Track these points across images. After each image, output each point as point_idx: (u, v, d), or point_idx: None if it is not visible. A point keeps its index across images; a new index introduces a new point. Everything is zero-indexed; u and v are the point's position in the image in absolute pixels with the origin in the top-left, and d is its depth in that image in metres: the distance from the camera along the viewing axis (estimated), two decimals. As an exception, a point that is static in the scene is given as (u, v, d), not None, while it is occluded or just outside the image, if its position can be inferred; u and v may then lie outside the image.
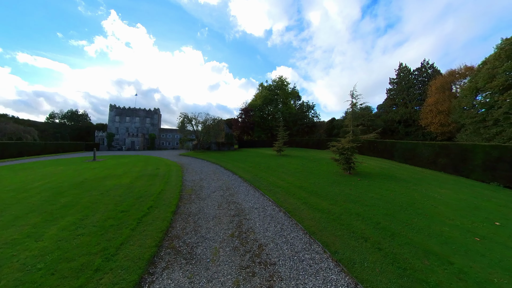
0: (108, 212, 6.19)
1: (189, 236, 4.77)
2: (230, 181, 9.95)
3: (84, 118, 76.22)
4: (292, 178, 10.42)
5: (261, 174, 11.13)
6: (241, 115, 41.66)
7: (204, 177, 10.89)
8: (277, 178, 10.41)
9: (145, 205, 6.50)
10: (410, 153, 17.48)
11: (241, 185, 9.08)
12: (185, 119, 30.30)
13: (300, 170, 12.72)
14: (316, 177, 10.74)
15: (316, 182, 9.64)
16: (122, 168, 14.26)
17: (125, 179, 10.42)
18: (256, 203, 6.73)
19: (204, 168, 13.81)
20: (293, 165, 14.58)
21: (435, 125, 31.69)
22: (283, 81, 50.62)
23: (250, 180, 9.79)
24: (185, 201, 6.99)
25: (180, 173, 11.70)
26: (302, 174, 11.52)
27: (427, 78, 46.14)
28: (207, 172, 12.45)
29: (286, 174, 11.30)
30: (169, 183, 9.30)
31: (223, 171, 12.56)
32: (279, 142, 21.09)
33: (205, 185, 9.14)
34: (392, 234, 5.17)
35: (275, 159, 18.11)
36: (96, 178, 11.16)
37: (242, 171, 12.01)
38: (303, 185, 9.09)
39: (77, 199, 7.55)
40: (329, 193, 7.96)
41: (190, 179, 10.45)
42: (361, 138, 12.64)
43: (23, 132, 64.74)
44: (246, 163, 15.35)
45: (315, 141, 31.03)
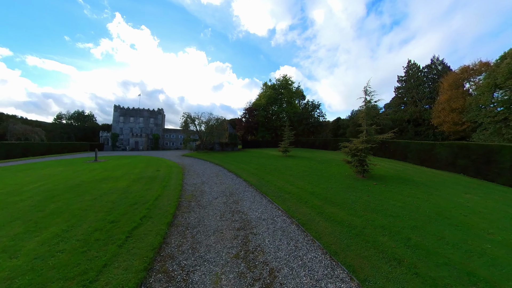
0: (96, 222, 5.48)
1: (185, 256, 3.98)
2: (234, 185, 9.16)
3: (90, 118, 77.14)
4: (302, 182, 9.55)
5: (268, 178, 10.29)
6: (245, 115, 40.89)
7: (206, 180, 10.13)
8: (285, 182, 9.55)
9: (138, 214, 5.76)
10: (426, 154, 16.35)
11: (246, 190, 8.27)
12: (188, 119, 29.70)
13: (309, 172, 11.84)
14: (328, 181, 9.85)
15: (329, 187, 8.75)
16: (121, 170, 13.67)
17: (122, 182, 9.76)
18: (264, 213, 5.90)
19: (206, 170, 13.06)
20: (301, 167, 13.69)
21: (448, 124, 30.20)
22: (287, 80, 49.61)
23: (256, 185, 8.97)
24: (183, 209, 6.22)
25: (181, 176, 10.98)
26: (312, 177, 10.63)
27: (437, 75, 44.41)
28: (209, 174, 11.69)
29: (294, 178, 10.44)
30: (167, 187, 8.57)
31: (226, 174, 11.78)
32: (284, 142, 20.21)
33: (206, 189, 8.37)
34: (427, 252, 4.32)
35: (281, 160, 17.23)
36: (93, 180, 10.57)
37: (246, 174, 11.20)
38: (315, 190, 8.21)
39: (67, 205, 6.91)
40: (345, 201, 7.08)
41: (191, 182, 9.70)
42: (376, 138, 11.66)
43: (31, 132, 65.68)
44: (250, 165, 14.53)
45: (321, 141, 29.98)
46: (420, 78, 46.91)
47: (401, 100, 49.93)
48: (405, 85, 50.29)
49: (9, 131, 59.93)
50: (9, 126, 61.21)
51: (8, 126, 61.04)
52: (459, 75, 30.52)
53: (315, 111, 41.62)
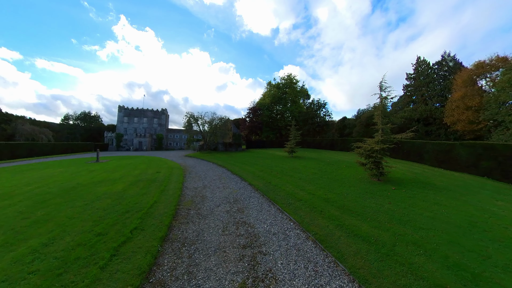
0: (82, 234, 4.78)
1: (179, 283, 3.21)
2: (239, 189, 8.36)
3: (96, 119, 78.14)
4: (313, 186, 8.69)
5: (275, 181, 9.46)
6: (249, 114, 40.10)
7: (208, 184, 9.37)
8: (295, 186, 8.71)
9: (129, 225, 5.03)
10: (445, 155, 15.21)
11: (252, 196, 7.46)
12: (191, 118, 29.10)
13: (319, 175, 10.95)
14: (341, 186, 8.95)
15: (344, 193, 7.86)
16: (121, 171, 13.09)
17: (119, 186, 9.11)
18: (274, 225, 5.08)
19: (209, 172, 12.32)
20: (310, 169, 12.80)
21: (462, 123, 28.68)
22: (292, 79, 48.55)
23: (263, 190, 8.15)
24: (181, 219, 5.46)
25: (181, 178, 10.26)
26: (323, 181, 9.75)
27: (448, 72, 42.61)
28: (212, 177, 10.94)
29: (304, 181, 9.57)
30: (166, 192, 7.85)
31: (230, 176, 11.01)
32: (291, 142, 19.32)
33: (208, 195, 7.61)
34: (472, 276, 3.54)
35: (288, 161, 16.36)
36: (89, 183, 9.99)
37: (252, 177, 10.40)
38: (329, 196, 7.35)
39: (55, 212, 6.28)
40: (365, 209, 6.19)
41: (192, 186, 8.96)
42: (393, 138, 10.70)
43: (39, 133, 66.89)
44: (256, 167, 13.72)
45: (328, 141, 28.91)
46: (430, 75, 45.11)
47: (410, 98, 48.27)
48: (414, 83, 48.50)
49: (18, 132, 61.31)
50: (17, 126, 62.61)
51: (17, 127, 62.42)
52: (474, 71, 28.94)
53: (321, 111, 40.47)
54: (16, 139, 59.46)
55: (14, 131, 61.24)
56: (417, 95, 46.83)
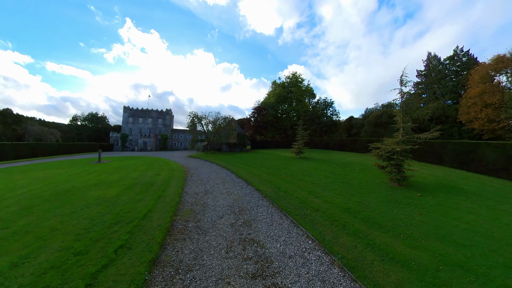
0: (59, 251, 4.01)
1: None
2: (245, 196, 7.48)
3: (103, 120, 79.40)
4: (329, 192, 7.72)
5: (285, 186, 8.53)
6: (254, 114, 39.18)
7: (211, 188, 8.52)
8: (308, 192, 7.76)
9: (115, 241, 4.22)
10: (468, 156, 13.93)
11: (260, 205, 6.56)
12: (195, 118, 28.43)
13: (333, 179, 9.95)
14: (360, 192, 7.95)
15: (366, 201, 6.87)
16: (120, 173, 12.44)
17: (114, 190, 8.38)
18: (289, 244, 4.17)
19: (212, 175, 11.49)
20: (321, 172, 11.81)
21: (480, 121, 26.98)
22: (297, 78, 47.33)
23: (272, 196, 7.24)
24: (176, 234, 4.61)
25: (182, 182, 9.46)
26: (339, 186, 8.76)
27: (461, 68, 40.57)
28: (215, 180, 10.09)
29: (317, 186, 8.61)
30: (163, 199, 7.04)
31: (234, 180, 10.14)
32: (298, 142, 18.32)
33: (210, 202, 6.75)
34: None
35: (296, 163, 15.38)
36: (84, 186, 9.34)
37: (259, 181, 9.50)
38: (349, 205, 6.38)
39: (38, 221, 5.57)
40: (395, 222, 5.21)
41: (192, 191, 8.13)
42: (417, 137, 9.63)
43: (47, 133, 68.27)
44: (262, 169, 12.81)
45: (337, 141, 27.69)
46: (442, 71, 43.04)
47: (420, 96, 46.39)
48: (425, 80, 46.45)
49: (28, 132, 62.78)
50: (27, 127, 64.11)
51: (27, 128, 63.91)
52: (493, 66, 27.17)
53: (328, 110, 39.15)
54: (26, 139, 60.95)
55: (24, 132, 62.84)
56: (429, 93, 44.89)
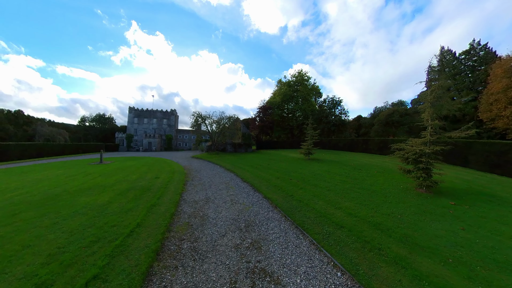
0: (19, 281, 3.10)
1: None
2: (252, 206, 6.43)
3: (110, 120, 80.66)
4: (350, 202, 6.57)
5: (298, 193, 7.42)
6: (259, 113, 38.09)
7: (212, 195, 7.51)
8: (326, 201, 6.63)
9: (90, 268, 3.25)
10: (500, 157, 12.43)
11: (271, 218, 5.49)
12: (198, 118, 27.62)
13: (351, 185, 8.77)
14: (386, 201, 6.77)
15: (395, 213, 5.70)
16: (118, 175, 11.66)
17: (106, 195, 7.52)
18: (312, 279, 3.07)
19: (215, 179, 10.49)
20: (336, 175, 10.63)
21: (504, 120, 24.94)
22: (303, 76, 45.88)
23: (284, 207, 6.16)
24: (167, 259, 3.61)
25: (181, 187, 8.51)
26: (359, 193, 7.59)
27: (478, 62, 38.17)
28: (218, 185, 9.08)
29: (335, 194, 7.46)
30: (157, 208, 6.08)
31: (240, 185, 9.10)
32: (307, 143, 17.14)
33: (211, 214, 5.74)
34: None
35: (307, 165, 14.22)
36: (77, 190, 8.58)
37: (267, 186, 8.42)
38: (377, 219, 5.24)
39: (14, 233, 4.84)
40: (436, 241, 4.07)
41: (192, 198, 7.14)
42: (448, 137, 8.36)
43: (56, 134, 69.68)
44: (270, 172, 11.73)
45: (347, 142, 26.25)
46: (457, 66, 40.59)
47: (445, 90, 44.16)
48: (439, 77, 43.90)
49: (38, 133, 64.22)
50: (37, 128, 65.57)
51: (37, 128, 65.37)
52: (519, 60, 25.09)
53: (336, 109, 37.61)
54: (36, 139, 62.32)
55: (34, 132, 64.31)
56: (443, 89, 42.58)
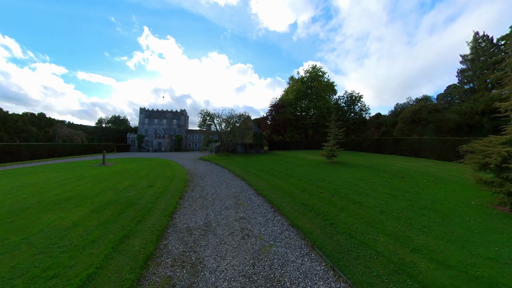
0: None
1: None
2: (274, 242, 4.07)
3: (124, 122, 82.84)
4: (424, 236, 4.08)
5: (342, 220, 4.97)
6: (271, 112, 35.68)
7: (215, 219, 5.24)
8: (389, 236, 4.19)
9: None
10: None
11: (310, 274, 3.17)
12: (206, 116, 25.82)
13: (407, 203, 6.23)
14: (470, 230, 4.26)
15: (502, 255, 3.17)
16: (110, 181, 9.97)
17: (78, 212, 5.71)
18: None
19: (221, 189, 8.30)
20: (377, 186, 8.08)
21: None
22: (317, 71, 42.53)
23: (329, 249, 3.76)
24: None
25: (175, 202, 6.42)
26: (426, 217, 5.06)
27: (525, 47, 32.92)
28: (224, 200, 6.84)
29: (394, 219, 4.99)
30: (131, 241, 4.01)
31: (253, 201, 6.74)
32: (330, 143, 14.58)
33: (209, 261, 3.48)
34: None
35: (333, 171, 11.68)
36: (51, 201, 7.07)
37: (292, 205, 6.04)
38: (483, 271, 2.80)
39: None
40: None
41: (184, 224, 4.94)
42: None
43: (74, 135, 72.31)
44: (291, 181, 9.36)
45: (372, 142, 23.11)
46: (496, 54, 35.40)
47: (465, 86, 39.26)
48: (472, 66, 38.78)
49: (57, 134, 66.90)
50: (57, 129, 68.32)
51: (56, 130, 68.11)
52: None
53: (355, 105, 34.22)
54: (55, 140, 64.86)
55: (54, 133, 67.06)
56: (479, 81, 37.49)
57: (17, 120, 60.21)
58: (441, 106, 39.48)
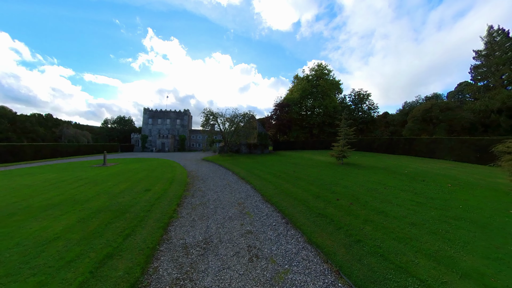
0: None
1: None
2: (290, 267, 3.30)
3: (130, 122, 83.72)
4: (470, 256, 3.22)
5: (367, 234, 4.10)
6: (276, 111, 34.80)
7: (217, 233, 4.44)
8: (430, 257, 3.35)
9: None
10: None
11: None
12: (209, 115, 25.17)
13: (437, 211, 5.34)
14: None
15: None
16: (106, 184, 9.36)
17: (64, 221, 5.07)
18: None
19: (224, 194, 7.54)
20: (398, 191, 7.20)
21: None
22: (323, 69, 41.39)
23: (360, 277, 2.99)
24: None
25: (172, 210, 5.70)
26: (464, 229, 4.19)
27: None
28: (228, 209, 6.04)
29: (429, 233, 4.13)
30: (114, 263, 3.29)
31: (261, 209, 5.88)
32: (340, 143, 13.67)
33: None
34: None
35: (346, 173, 10.80)
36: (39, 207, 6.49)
37: (306, 215, 5.19)
38: None
39: None
40: None
41: (181, 239, 4.17)
42: None
43: (80, 135, 73.19)
44: (301, 184, 8.54)
45: (383, 142, 22.00)
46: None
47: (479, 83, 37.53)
48: (486, 62, 36.93)
49: (63, 134, 67.83)
50: (63, 130, 69.27)
51: (63, 130, 69.05)
52: None
53: (363, 104, 33.00)
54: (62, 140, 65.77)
55: (60, 134, 68.02)
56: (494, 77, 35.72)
57: (25, 120, 61.12)
58: (453, 105, 37.81)
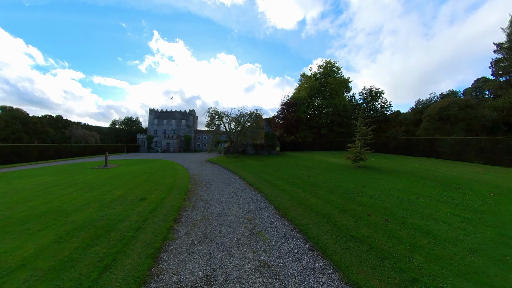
0: None
1: None
2: None
3: (137, 123, 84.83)
4: None
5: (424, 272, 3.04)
6: (283, 110, 33.54)
7: (222, 267, 3.29)
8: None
9: None
10: None
11: None
12: (214, 115, 24.27)
13: (493, 232, 4.10)
14: None
15: None
16: (101, 189, 8.51)
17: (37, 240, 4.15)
18: None
19: (230, 208, 6.45)
20: (437, 202, 5.95)
21: None
22: (331, 66, 39.58)
23: None
24: None
25: (167, 228, 4.67)
26: None
27: None
28: (236, 228, 4.82)
29: (493, 262, 2.95)
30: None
31: (278, 229, 4.61)
32: (357, 144, 12.39)
33: None
34: None
35: (369, 179, 9.53)
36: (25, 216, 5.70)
37: (335, 238, 4.03)
38: None
39: None
40: None
41: (175, 276, 3.08)
42: None
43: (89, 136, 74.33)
44: (320, 193, 7.38)
45: (400, 142, 20.42)
46: None
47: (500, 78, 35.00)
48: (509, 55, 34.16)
49: (72, 135, 69.08)
50: (72, 130, 70.53)
51: (72, 131, 70.31)
52: None
53: (375, 102, 31.26)
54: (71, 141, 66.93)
55: (70, 134, 69.31)
56: None
57: (36, 122, 62.38)
58: (473, 102, 35.46)
